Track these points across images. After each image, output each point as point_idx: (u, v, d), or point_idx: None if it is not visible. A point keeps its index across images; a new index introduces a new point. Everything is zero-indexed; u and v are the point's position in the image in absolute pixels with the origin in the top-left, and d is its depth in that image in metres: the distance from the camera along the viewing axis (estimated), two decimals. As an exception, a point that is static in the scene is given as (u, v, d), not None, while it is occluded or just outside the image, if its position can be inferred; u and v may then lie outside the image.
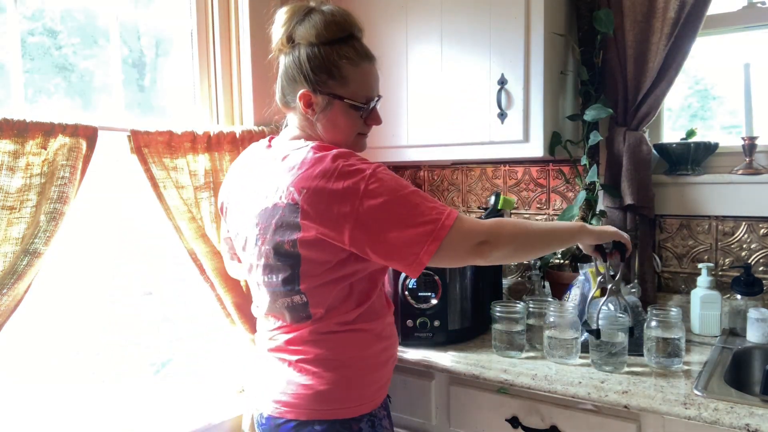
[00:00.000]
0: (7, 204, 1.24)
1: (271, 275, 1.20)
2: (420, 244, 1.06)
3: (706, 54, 1.87)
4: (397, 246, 1.07)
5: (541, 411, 1.40)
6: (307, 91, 1.18)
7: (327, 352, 1.20)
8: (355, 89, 1.19)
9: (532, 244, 1.20)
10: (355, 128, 1.23)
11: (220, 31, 1.84)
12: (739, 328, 1.63)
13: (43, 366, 1.54)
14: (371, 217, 1.07)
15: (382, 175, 1.09)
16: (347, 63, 1.17)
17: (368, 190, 1.06)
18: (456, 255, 1.10)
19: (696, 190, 1.77)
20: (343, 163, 1.09)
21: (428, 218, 1.07)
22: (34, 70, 1.48)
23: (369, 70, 1.21)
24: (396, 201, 1.07)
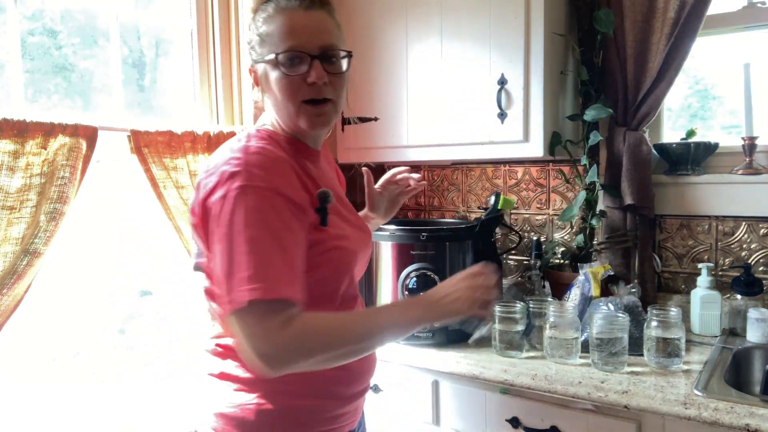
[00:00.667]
0: (7, 204, 1.24)
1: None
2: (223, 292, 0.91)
3: (706, 54, 1.87)
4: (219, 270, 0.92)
5: (541, 411, 1.40)
6: (251, 65, 1.07)
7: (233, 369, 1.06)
8: (278, 43, 1.01)
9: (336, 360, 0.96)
10: (289, 93, 1.02)
11: (220, 31, 1.84)
12: (739, 328, 1.62)
13: (43, 366, 1.54)
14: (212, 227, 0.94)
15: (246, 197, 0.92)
16: (262, 15, 1.03)
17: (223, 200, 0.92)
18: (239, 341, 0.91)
19: (696, 190, 1.77)
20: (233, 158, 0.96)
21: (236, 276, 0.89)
22: (34, 70, 1.48)
23: (289, 17, 1.01)
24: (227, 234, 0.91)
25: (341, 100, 1.08)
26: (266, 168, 0.96)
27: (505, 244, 2.12)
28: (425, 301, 1.05)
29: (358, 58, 1.98)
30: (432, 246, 1.64)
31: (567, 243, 2.00)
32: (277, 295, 0.88)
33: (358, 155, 1.98)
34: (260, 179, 0.93)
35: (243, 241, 0.89)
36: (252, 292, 0.87)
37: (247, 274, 0.88)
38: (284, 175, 0.98)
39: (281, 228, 0.92)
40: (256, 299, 0.87)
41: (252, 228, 0.90)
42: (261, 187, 0.93)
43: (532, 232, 2.08)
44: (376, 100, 1.95)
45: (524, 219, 2.10)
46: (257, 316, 0.88)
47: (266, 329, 0.88)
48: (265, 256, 0.89)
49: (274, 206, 0.93)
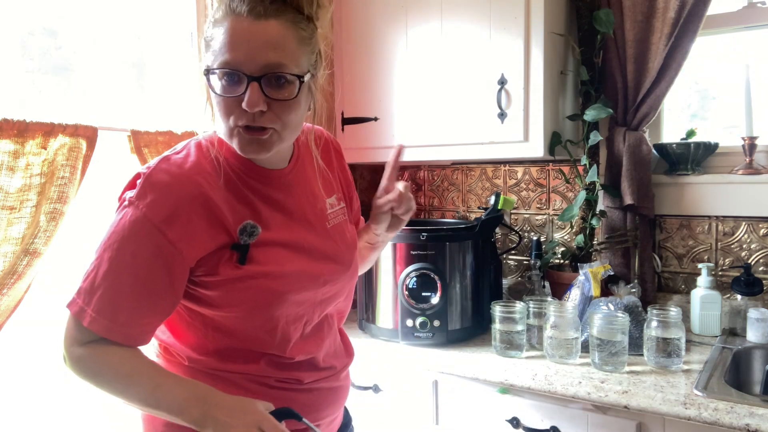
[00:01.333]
0: (7, 204, 1.24)
1: None
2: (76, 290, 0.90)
3: (706, 54, 1.88)
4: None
5: (541, 411, 1.40)
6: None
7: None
8: (215, 54, 0.87)
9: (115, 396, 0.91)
10: (224, 113, 0.89)
11: (220, 31, 1.84)
12: (739, 328, 1.63)
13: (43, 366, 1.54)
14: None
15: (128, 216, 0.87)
16: (214, 21, 0.88)
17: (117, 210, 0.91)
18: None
19: (696, 190, 1.77)
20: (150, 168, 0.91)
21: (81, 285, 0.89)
22: (34, 70, 1.48)
23: (232, 26, 0.84)
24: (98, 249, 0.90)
25: (289, 129, 0.91)
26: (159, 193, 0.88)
27: (505, 244, 2.12)
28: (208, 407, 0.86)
29: (357, 59, 1.99)
30: (432, 246, 1.65)
31: (567, 243, 2.00)
32: (81, 320, 0.88)
33: (358, 155, 1.98)
34: (145, 204, 0.87)
35: (98, 255, 0.89)
36: (71, 303, 0.89)
37: (81, 285, 0.89)
38: (175, 207, 0.87)
39: (129, 263, 0.87)
40: (72, 314, 0.89)
41: (107, 250, 0.88)
42: (140, 213, 0.87)
43: (532, 232, 2.08)
44: (376, 100, 1.95)
45: (524, 219, 2.10)
46: (72, 323, 0.90)
47: (70, 334, 0.91)
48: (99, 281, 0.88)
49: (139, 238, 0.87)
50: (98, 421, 1.60)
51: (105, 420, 1.62)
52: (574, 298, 1.65)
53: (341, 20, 2.01)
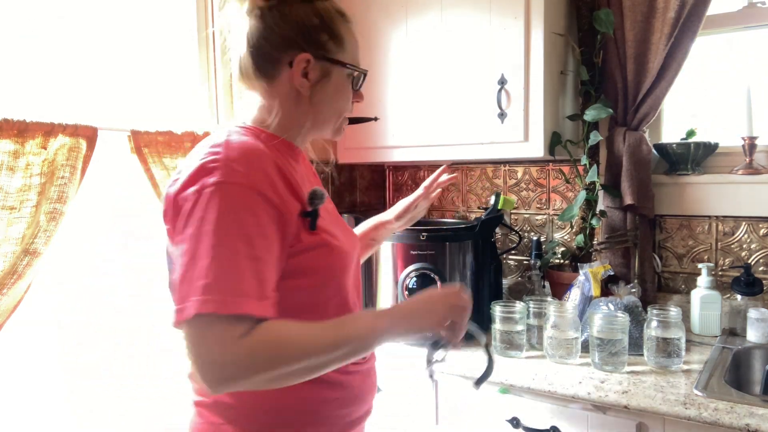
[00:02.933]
0: (7, 204, 1.24)
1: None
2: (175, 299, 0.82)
3: (706, 54, 1.87)
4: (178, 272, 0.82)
5: (541, 411, 1.40)
6: (307, 54, 0.94)
7: (226, 397, 0.94)
8: (352, 53, 1.00)
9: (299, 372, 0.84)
10: (347, 105, 1.04)
11: (220, 32, 1.84)
12: (739, 328, 1.63)
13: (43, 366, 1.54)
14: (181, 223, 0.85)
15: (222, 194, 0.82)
16: (342, 20, 0.98)
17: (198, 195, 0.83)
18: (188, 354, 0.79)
19: (696, 190, 1.77)
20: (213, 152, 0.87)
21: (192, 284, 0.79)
22: (34, 70, 1.48)
23: (355, 32, 1.02)
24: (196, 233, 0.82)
25: None
26: (247, 164, 0.86)
27: (505, 244, 2.12)
28: (394, 314, 0.94)
29: (358, 58, 1.99)
30: (432, 246, 1.65)
31: (567, 243, 2.00)
32: (234, 311, 0.78)
33: (358, 155, 1.98)
34: (240, 176, 0.84)
35: (209, 245, 0.80)
36: (202, 304, 0.77)
37: (204, 282, 0.78)
38: (266, 173, 0.87)
39: (255, 233, 0.82)
40: (204, 313, 0.77)
41: (222, 232, 0.80)
42: (239, 185, 0.83)
43: (532, 232, 2.08)
44: (376, 100, 1.95)
45: (524, 219, 2.10)
46: (206, 330, 0.77)
47: (218, 340, 0.77)
48: (231, 265, 0.80)
49: (251, 208, 0.83)
50: (98, 421, 1.60)
51: (104, 420, 1.62)
52: (574, 298, 1.65)
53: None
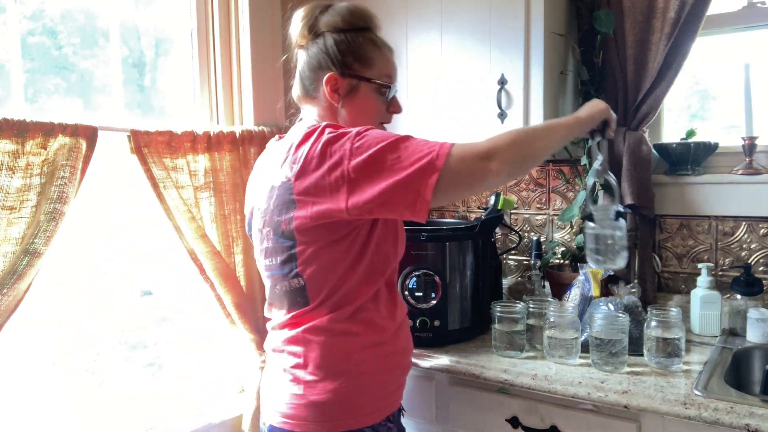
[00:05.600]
0: (7, 204, 1.24)
1: (272, 258, 1.19)
2: (418, 180, 1.01)
3: (706, 54, 1.87)
4: (395, 192, 1.02)
5: (541, 411, 1.40)
6: (334, 74, 1.19)
7: (320, 357, 1.15)
8: (379, 71, 1.22)
9: (534, 148, 1.11)
10: (379, 114, 1.24)
11: (220, 31, 1.84)
12: (739, 328, 1.63)
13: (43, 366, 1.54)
14: (362, 173, 1.03)
15: (367, 132, 1.07)
16: (371, 46, 1.21)
17: (355, 149, 1.04)
18: (460, 181, 1.03)
19: (696, 190, 1.77)
20: (330, 131, 1.08)
21: (421, 155, 1.02)
22: (34, 70, 1.48)
23: (390, 56, 1.25)
24: (383, 149, 1.03)
25: None
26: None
27: (505, 244, 2.12)
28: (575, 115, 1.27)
29: (358, 58, 1.98)
30: (432, 246, 1.65)
31: (567, 243, 2.00)
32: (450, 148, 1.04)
33: (358, 155, 1.98)
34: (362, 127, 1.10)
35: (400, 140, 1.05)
36: (445, 144, 1.03)
37: (430, 144, 1.04)
38: None
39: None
40: (452, 143, 1.04)
41: (394, 135, 1.06)
42: (368, 128, 1.09)
43: (532, 232, 2.08)
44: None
45: (524, 219, 2.10)
46: (459, 148, 1.03)
47: (471, 145, 1.04)
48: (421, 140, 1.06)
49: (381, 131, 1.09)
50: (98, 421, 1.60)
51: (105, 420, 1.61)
52: (574, 298, 1.65)
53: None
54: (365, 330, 1.18)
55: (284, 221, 1.12)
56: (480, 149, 1.04)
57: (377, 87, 1.22)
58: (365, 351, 1.18)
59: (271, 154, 1.26)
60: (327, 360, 1.15)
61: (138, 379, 1.73)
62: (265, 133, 1.80)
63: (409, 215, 1.04)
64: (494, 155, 1.03)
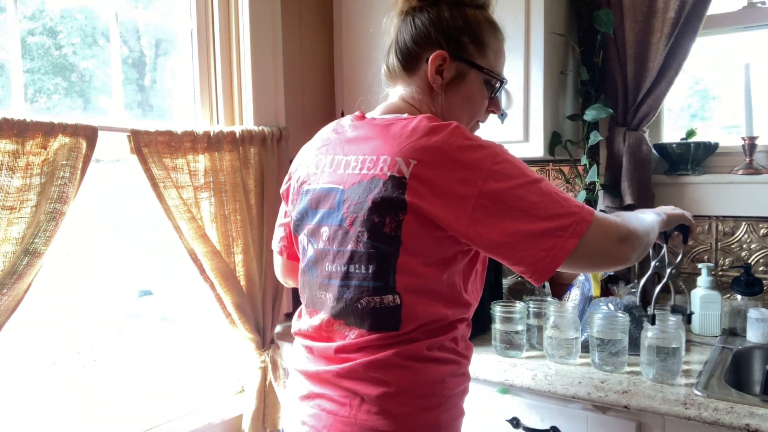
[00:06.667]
0: (7, 204, 1.24)
1: (360, 265, 0.96)
2: (553, 240, 0.88)
3: (706, 54, 1.87)
4: (523, 241, 0.88)
5: (541, 411, 1.40)
6: (443, 52, 1.01)
7: (414, 386, 0.96)
8: (494, 61, 1.05)
9: (651, 240, 1.05)
10: (481, 110, 1.09)
11: (220, 31, 1.84)
12: (739, 328, 1.63)
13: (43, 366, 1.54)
14: (496, 202, 0.89)
15: (509, 156, 0.93)
16: (489, 28, 1.05)
17: (494, 171, 0.89)
18: (595, 256, 0.92)
19: (696, 190, 1.77)
20: (465, 136, 0.92)
21: (564, 210, 0.89)
22: (34, 70, 1.48)
23: (503, 44, 1.08)
24: (526, 186, 0.90)
25: None
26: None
27: (505, 244, 2.12)
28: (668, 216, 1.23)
29: (357, 59, 1.99)
30: (432, 246, 1.64)
31: (567, 243, 2.00)
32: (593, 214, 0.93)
33: (358, 155, 1.98)
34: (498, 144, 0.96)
35: (543, 186, 0.92)
36: (588, 208, 0.92)
37: (572, 203, 0.92)
38: None
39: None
40: (595, 215, 0.92)
41: (534, 174, 0.93)
42: (505, 149, 0.96)
43: (532, 232, 2.08)
44: (376, 100, 1.94)
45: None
46: (601, 222, 0.92)
47: (611, 222, 0.94)
48: (559, 190, 0.94)
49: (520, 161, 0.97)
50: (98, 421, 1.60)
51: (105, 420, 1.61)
52: (574, 298, 1.65)
53: (341, 20, 2.01)
54: (456, 360, 1.03)
55: (388, 224, 0.92)
56: (621, 230, 0.94)
57: (487, 79, 1.05)
58: (456, 383, 1.03)
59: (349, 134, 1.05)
60: (422, 390, 0.97)
61: (138, 379, 1.73)
62: (265, 133, 1.80)
63: (525, 273, 0.91)
64: (632, 241, 0.95)
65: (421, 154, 0.91)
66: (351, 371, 0.96)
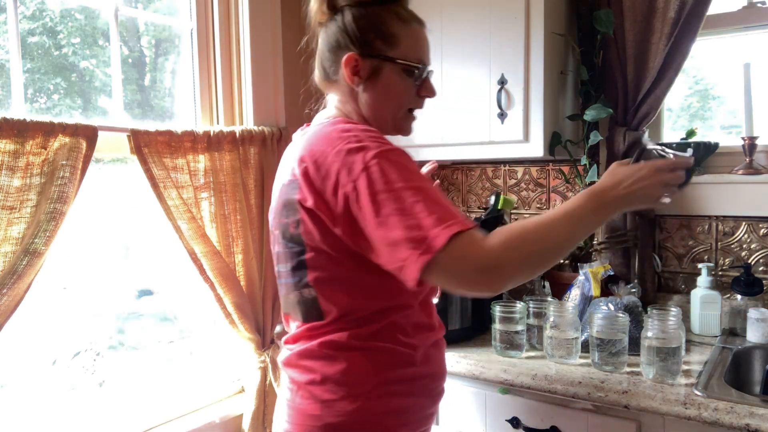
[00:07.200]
0: (7, 204, 1.24)
1: (284, 264, 1.08)
2: (407, 252, 0.88)
3: (706, 54, 1.87)
4: (381, 246, 0.91)
5: (541, 411, 1.40)
6: (353, 54, 1.06)
7: (339, 375, 1.02)
8: (407, 50, 1.07)
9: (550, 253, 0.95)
10: (406, 99, 1.10)
11: (220, 31, 1.84)
12: (739, 328, 1.62)
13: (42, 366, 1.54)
14: (362, 205, 0.91)
15: (389, 160, 0.93)
16: (397, 20, 1.07)
17: (366, 174, 0.92)
18: (452, 279, 0.89)
19: (696, 190, 1.77)
20: (348, 139, 0.96)
21: (426, 223, 0.87)
22: (34, 70, 1.48)
23: (420, 31, 1.10)
24: (396, 192, 0.90)
25: None
26: (377, 133, 1.00)
27: (505, 244, 2.12)
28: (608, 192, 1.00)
29: (358, 58, 1.98)
30: (432, 246, 1.64)
31: (567, 243, 2.00)
32: (468, 226, 0.89)
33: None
34: (387, 144, 0.97)
35: (411, 194, 0.90)
36: (450, 227, 0.87)
37: (436, 217, 0.88)
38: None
39: (425, 178, 0.97)
40: (456, 232, 0.87)
41: (411, 182, 0.91)
42: (392, 150, 0.95)
43: (532, 232, 2.08)
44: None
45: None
46: (462, 245, 0.87)
47: (476, 248, 0.88)
48: (438, 201, 0.91)
49: (409, 161, 0.97)
50: (98, 421, 1.60)
51: (105, 420, 1.62)
52: (574, 298, 1.65)
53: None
54: (391, 349, 1.05)
55: (291, 224, 1.02)
56: (483, 260, 0.87)
57: (404, 68, 1.07)
58: (389, 372, 1.04)
59: (291, 147, 1.14)
60: (348, 377, 1.02)
61: (138, 379, 1.73)
62: (265, 133, 1.80)
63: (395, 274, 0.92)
64: (497, 273, 0.88)
65: (309, 156, 0.98)
66: (289, 360, 1.09)
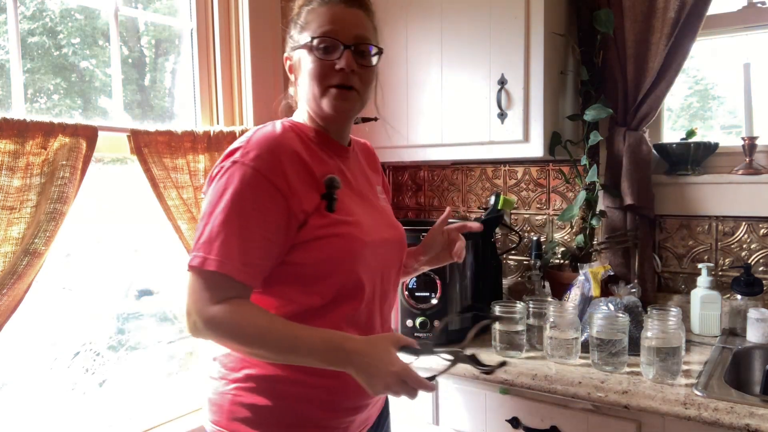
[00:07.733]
0: (7, 204, 1.24)
1: None
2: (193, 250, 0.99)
3: (706, 54, 1.87)
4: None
5: (541, 411, 1.40)
6: (286, 55, 1.14)
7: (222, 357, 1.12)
8: (315, 30, 1.06)
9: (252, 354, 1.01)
10: (320, 75, 1.05)
11: (220, 31, 1.84)
12: (739, 328, 1.62)
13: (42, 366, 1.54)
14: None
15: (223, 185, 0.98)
16: (306, 8, 1.09)
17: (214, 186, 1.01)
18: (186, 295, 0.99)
19: (696, 190, 1.77)
20: (231, 151, 1.02)
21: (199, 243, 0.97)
22: (34, 71, 1.48)
23: (332, 8, 1.06)
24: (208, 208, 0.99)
25: (367, 93, 1.12)
26: (262, 150, 1.00)
27: (505, 244, 2.12)
28: (351, 354, 0.95)
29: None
30: (432, 246, 1.64)
31: (567, 243, 2.00)
32: (215, 268, 0.94)
33: (358, 155, 1.98)
34: (251, 159, 0.98)
35: (210, 211, 0.97)
36: (194, 258, 0.96)
37: (203, 241, 0.96)
38: (278, 160, 1.00)
39: (251, 208, 0.97)
40: (194, 266, 0.95)
41: (227, 204, 0.96)
42: (248, 167, 0.98)
43: (532, 232, 2.08)
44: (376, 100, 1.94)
45: (524, 219, 2.10)
46: (199, 282, 0.96)
47: (199, 296, 0.96)
48: (226, 233, 0.95)
49: (254, 187, 0.97)
50: (98, 421, 1.60)
51: (105, 420, 1.61)
52: (574, 298, 1.65)
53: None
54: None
55: None
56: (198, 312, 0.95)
57: (310, 46, 1.05)
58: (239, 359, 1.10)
59: None
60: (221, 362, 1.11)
61: (138, 379, 1.73)
62: (265, 133, 1.80)
63: None
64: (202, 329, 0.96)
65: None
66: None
